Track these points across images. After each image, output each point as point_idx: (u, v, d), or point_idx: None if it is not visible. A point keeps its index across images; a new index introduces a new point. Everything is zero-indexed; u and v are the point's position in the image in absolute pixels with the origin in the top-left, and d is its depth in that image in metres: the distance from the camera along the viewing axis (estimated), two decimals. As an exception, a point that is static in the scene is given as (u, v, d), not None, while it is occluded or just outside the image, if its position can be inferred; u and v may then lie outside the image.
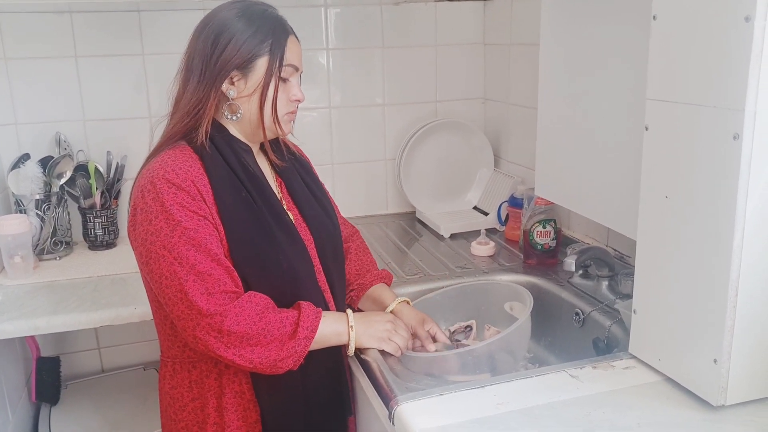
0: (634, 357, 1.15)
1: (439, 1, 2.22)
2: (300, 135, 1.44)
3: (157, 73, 2.01)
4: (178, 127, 1.20)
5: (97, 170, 1.94)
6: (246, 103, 1.21)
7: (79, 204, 1.96)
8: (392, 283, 1.48)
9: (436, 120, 2.19)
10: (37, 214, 1.86)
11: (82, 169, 1.94)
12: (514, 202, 1.92)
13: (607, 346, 1.37)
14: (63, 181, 1.90)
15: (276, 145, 1.34)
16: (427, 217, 2.15)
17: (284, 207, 1.27)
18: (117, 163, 1.99)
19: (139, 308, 1.56)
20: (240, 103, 1.21)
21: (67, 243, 1.95)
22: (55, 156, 1.92)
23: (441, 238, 2.01)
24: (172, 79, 1.24)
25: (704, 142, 0.96)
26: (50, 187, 1.89)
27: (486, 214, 2.11)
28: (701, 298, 0.99)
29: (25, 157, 1.90)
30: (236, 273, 1.15)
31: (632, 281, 1.14)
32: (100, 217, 1.95)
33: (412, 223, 2.19)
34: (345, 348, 1.24)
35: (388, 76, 2.23)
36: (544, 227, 1.69)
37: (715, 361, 0.97)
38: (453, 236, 2.01)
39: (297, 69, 1.24)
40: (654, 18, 1.04)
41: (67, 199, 1.96)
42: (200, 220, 1.13)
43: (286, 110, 1.24)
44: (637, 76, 1.20)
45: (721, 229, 0.94)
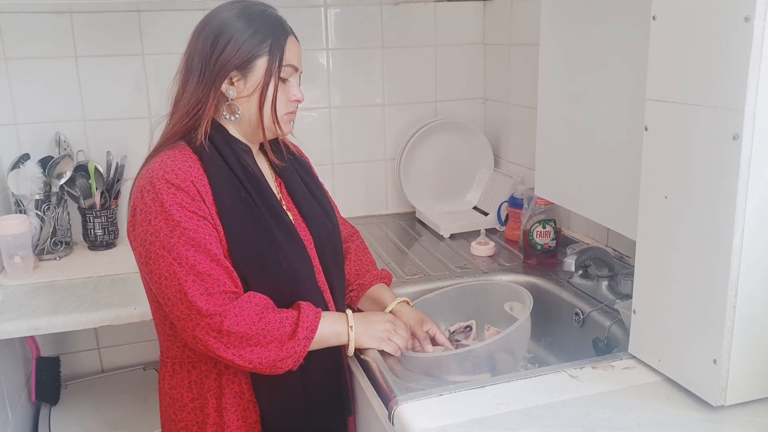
0: (633, 357, 1.15)
1: (438, 1, 2.22)
2: (300, 135, 1.44)
3: (157, 73, 2.01)
4: (177, 127, 1.20)
5: (96, 170, 1.94)
6: (245, 104, 1.21)
7: (78, 204, 1.96)
8: (392, 283, 1.48)
9: (435, 120, 2.19)
10: (36, 214, 1.86)
11: (81, 169, 1.94)
12: (514, 202, 1.92)
13: (607, 347, 1.37)
14: (63, 181, 1.90)
15: (275, 146, 1.34)
16: (427, 217, 2.15)
17: (284, 207, 1.27)
18: (117, 163, 1.99)
19: (138, 308, 1.56)
20: (239, 103, 1.21)
21: (67, 243, 1.95)
22: (55, 156, 1.92)
23: (441, 238, 2.01)
24: (171, 79, 1.24)
25: (704, 143, 0.96)
26: (50, 187, 1.89)
27: (486, 214, 2.11)
28: (701, 298, 0.99)
29: (25, 157, 1.90)
30: (236, 273, 1.15)
31: (632, 281, 1.14)
32: (100, 217, 1.95)
33: (411, 223, 2.19)
34: (345, 348, 1.24)
35: (388, 77, 2.23)
36: (544, 227, 1.69)
37: (714, 362, 0.97)
38: (453, 236, 2.01)
39: (296, 69, 1.24)
40: (654, 18, 1.04)
41: (66, 200, 1.96)
42: (200, 220, 1.13)
43: (286, 110, 1.24)
44: (636, 76, 1.20)
45: (720, 230, 0.94)
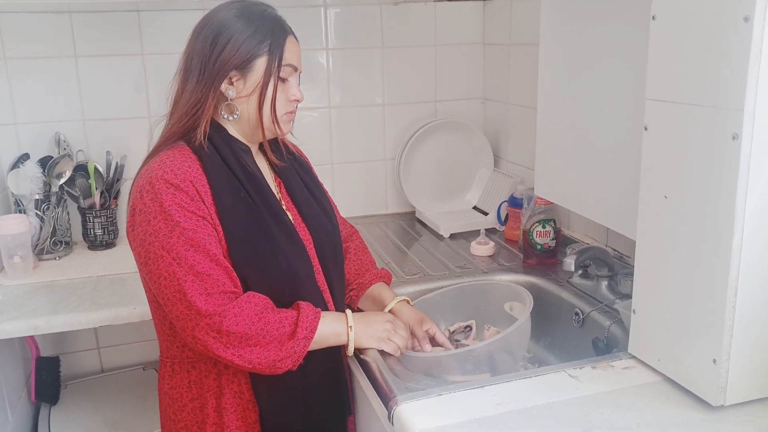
0: (633, 357, 1.15)
1: (438, 1, 2.22)
2: (300, 135, 1.44)
3: (157, 73, 2.01)
4: (176, 127, 1.20)
5: (96, 170, 1.94)
6: (245, 104, 1.21)
7: (78, 204, 1.96)
8: (392, 283, 1.48)
9: (435, 120, 2.19)
10: (36, 214, 1.86)
11: (81, 169, 1.94)
12: (514, 202, 1.92)
13: (607, 346, 1.37)
14: (62, 181, 1.90)
15: (275, 145, 1.34)
16: (426, 217, 2.15)
17: (283, 207, 1.27)
18: (116, 163, 1.99)
19: (138, 308, 1.56)
20: (239, 103, 1.21)
21: (67, 243, 1.95)
22: (55, 156, 1.92)
23: (441, 238, 2.01)
24: (171, 79, 1.23)
25: (703, 142, 0.96)
26: (50, 187, 1.89)
27: (486, 214, 2.11)
28: (700, 298, 0.99)
29: (25, 157, 1.90)
30: (235, 273, 1.15)
31: (632, 281, 1.14)
32: (100, 217, 1.95)
33: (411, 223, 2.19)
34: (344, 348, 1.24)
35: (388, 76, 2.23)
36: (544, 227, 1.68)
37: (714, 361, 0.97)
38: (453, 236, 2.01)
39: (296, 69, 1.24)
40: (653, 18, 1.04)
41: (66, 199, 1.96)
42: (199, 220, 1.13)
43: (285, 110, 1.24)
44: (636, 76, 1.20)
45: (720, 229, 0.94)
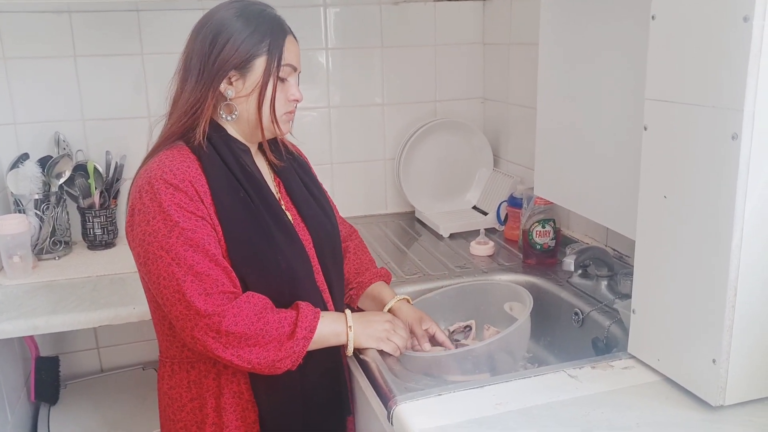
0: (633, 357, 1.15)
1: (438, 0, 2.21)
2: (299, 135, 1.43)
3: (157, 72, 2.01)
4: (175, 127, 1.20)
5: (96, 170, 1.94)
6: (244, 103, 1.21)
7: (78, 204, 1.96)
8: (392, 283, 1.48)
9: (435, 120, 2.19)
10: (36, 213, 1.86)
11: (81, 168, 1.94)
12: (514, 202, 1.92)
13: (606, 346, 1.37)
14: (62, 180, 1.90)
15: (274, 145, 1.34)
16: (426, 217, 2.15)
17: (282, 207, 1.27)
18: (116, 163, 1.99)
19: (138, 308, 1.56)
20: (238, 103, 1.21)
21: (66, 243, 1.95)
22: (54, 156, 1.92)
23: (440, 237, 2.01)
24: (170, 79, 1.23)
25: (703, 142, 0.95)
26: (49, 186, 1.89)
27: (485, 213, 2.11)
28: (700, 298, 0.99)
29: (24, 157, 1.90)
30: (234, 273, 1.15)
31: (631, 281, 1.14)
32: (99, 216, 1.95)
33: (411, 223, 2.19)
34: (344, 348, 1.24)
35: (388, 76, 2.23)
36: (544, 227, 1.68)
37: (714, 361, 0.97)
38: (452, 236, 2.01)
39: (295, 69, 1.23)
40: (653, 18, 1.03)
41: (66, 199, 1.96)
42: (198, 220, 1.13)
43: (285, 110, 1.24)
44: (636, 75, 1.19)
45: (720, 229, 0.94)
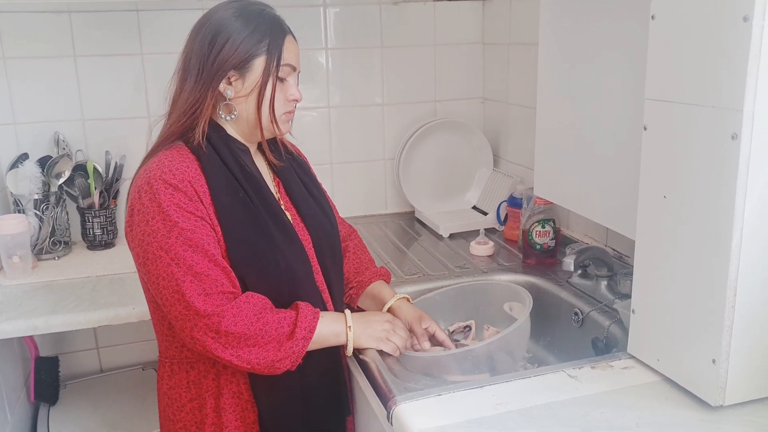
0: (632, 357, 1.15)
1: (438, 0, 2.21)
2: (299, 135, 1.43)
3: (156, 72, 2.01)
4: (174, 127, 1.20)
5: (95, 170, 1.94)
6: (243, 103, 1.20)
7: (77, 204, 1.96)
8: (391, 283, 1.47)
9: (435, 120, 2.19)
10: (35, 213, 1.86)
11: (80, 168, 1.94)
12: (513, 202, 1.92)
13: (606, 346, 1.37)
14: (62, 180, 1.90)
15: (274, 145, 1.33)
16: (426, 217, 2.15)
17: (282, 207, 1.27)
18: (116, 163, 1.99)
19: (137, 308, 1.56)
20: (237, 103, 1.20)
21: (66, 243, 1.95)
22: (54, 156, 1.92)
23: (440, 237, 2.01)
24: (169, 78, 1.23)
25: (702, 142, 0.95)
26: (49, 186, 1.89)
27: (485, 213, 2.11)
28: (700, 298, 0.99)
29: (24, 157, 1.90)
30: (234, 273, 1.15)
31: (631, 281, 1.14)
32: (99, 216, 1.94)
33: (411, 223, 2.19)
34: (343, 348, 1.24)
35: (388, 76, 2.23)
36: (543, 227, 1.68)
37: (713, 361, 0.97)
38: (452, 236, 2.01)
39: (294, 69, 1.23)
40: (652, 18, 1.03)
41: (65, 199, 1.96)
42: (197, 220, 1.13)
43: (284, 110, 1.24)
44: (636, 75, 1.19)
45: (719, 229, 0.94)
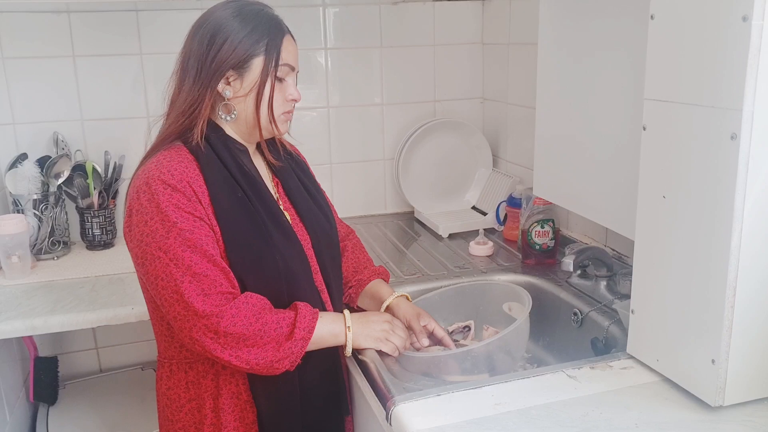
0: (632, 357, 1.15)
1: (437, 0, 2.21)
2: (298, 135, 1.43)
3: (156, 72, 2.01)
4: (173, 127, 1.20)
5: (94, 170, 1.94)
6: (242, 103, 1.20)
7: (76, 204, 1.96)
8: (390, 283, 1.47)
9: (434, 120, 2.19)
10: (34, 213, 1.86)
11: (79, 168, 1.94)
12: (513, 202, 1.92)
13: (606, 346, 1.37)
14: (61, 180, 1.90)
15: (272, 145, 1.33)
16: (425, 217, 2.15)
17: (281, 207, 1.27)
18: (115, 163, 1.99)
19: (136, 308, 1.55)
20: (236, 103, 1.20)
21: (65, 243, 1.94)
22: (53, 156, 1.92)
23: (439, 238, 2.01)
24: (168, 78, 1.23)
25: (702, 142, 0.95)
26: (48, 186, 1.89)
27: (484, 214, 2.11)
28: (699, 298, 0.99)
29: (23, 157, 1.90)
30: (232, 274, 1.15)
31: (630, 281, 1.14)
32: (98, 217, 1.94)
33: (410, 223, 2.19)
34: (342, 348, 1.24)
35: (387, 76, 2.23)
36: (543, 227, 1.68)
37: (713, 362, 0.97)
38: (451, 236, 2.01)
39: (293, 68, 1.23)
40: (652, 18, 1.03)
41: (64, 199, 1.95)
42: (196, 221, 1.13)
43: (283, 110, 1.24)
44: (635, 75, 1.19)
45: (719, 229, 0.94)
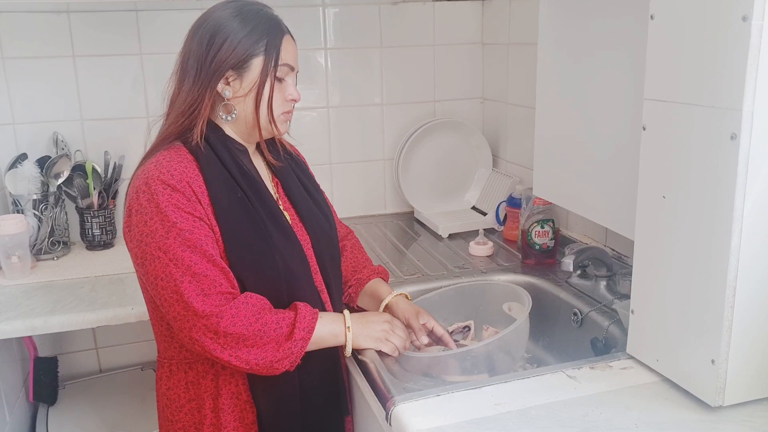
0: (631, 357, 1.15)
1: (437, 0, 2.21)
2: (298, 135, 1.43)
3: (155, 72, 2.01)
4: (173, 127, 1.20)
5: (94, 170, 1.94)
6: (241, 103, 1.20)
7: (76, 204, 1.95)
8: (390, 282, 1.47)
9: (434, 120, 2.19)
10: (34, 214, 1.86)
11: (79, 169, 1.94)
12: (513, 202, 1.92)
13: (605, 347, 1.37)
14: (60, 181, 1.90)
15: (272, 145, 1.33)
16: (425, 217, 2.15)
17: (280, 207, 1.27)
18: (114, 163, 1.99)
19: (136, 308, 1.55)
20: (235, 103, 1.20)
21: (65, 243, 1.94)
22: (53, 156, 1.91)
23: (439, 238, 2.01)
24: (168, 79, 1.23)
25: (702, 142, 0.95)
26: (48, 187, 1.89)
27: (484, 214, 2.11)
28: (699, 298, 0.98)
29: (23, 157, 1.90)
30: (232, 274, 1.15)
31: (630, 281, 1.14)
32: (98, 217, 1.94)
33: (410, 223, 2.19)
34: (342, 349, 1.24)
35: (387, 76, 2.23)
36: (543, 227, 1.68)
37: (712, 362, 0.97)
38: (451, 236, 2.01)
39: (293, 68, 1.23)
40: (651, 18, 1.03)
41: (64, 199, 1.95)
42: (195, 221, 1.13)
43: (282, 110, 1.24)
44: (635, 75, 1.19)
45: (719, 229, 0.94)
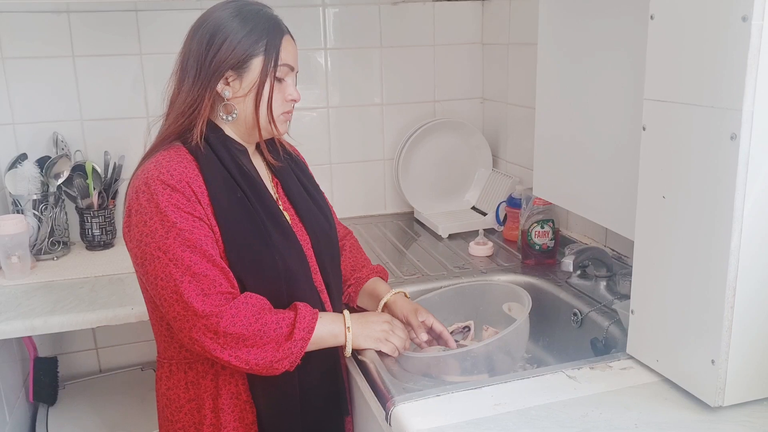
0: (631, 357, 1.15)
1: (437, 0, 2.21)
2: (298, 135, 1.43)
3: (155, 72, 2.01)
4: (173, 127, 1.20)
5: (94, 170, 1.94)
6: (241, 104, 1.20)
7: (76, 204, 1.95)
8: (390, 282, 1.47)
9: (434, 120, 2.19)
10: (34, 214, 1.86)
11: (79, 169, 1.94)
12: (513, 202, 1.92)
13: (605, 347, 1.37)
14: (60, 181, 1.90)
15: (272, 145, 1.33)
16: (425, 217, 2.15)
17: (280, 207, 1.27)
18: (114, 163, 1.99)
19: (136, 308, 1.55)
20: (235, 103, 1.20)
21: (65, 243, 1.94)
22: (53, 156, 1.91)
23: (439, 238, 2.01)
24: (167, 79, 1.23)
25: (702, 142, 0.95)
26: (47, 187, 1.89)
27: (484, 214, 2.11)
28: (699, 298, 0.98)
29: (23, 157, 1.90)
30: (232, 274, 1.15)
31: (630, 281, 1.14)
32: (98, 217, 1.94)
33: (410, 223, 2.19)
34: (342, 349, 1.24)
35: (387, 76, 2.23)
36: (543, 227, 1.68)
37: (712, 362, 0.97)
38: (451, 236, 2.01)
39: (292, 69, 1.23)
40: (651, 18, 1.03)
41: (64, 199, 1.95)
42: (195, 221, 1.13)
43: (282, 110, 1.24)
44: (635, 75, 1.19)
45: (718, 230, 0.94)
